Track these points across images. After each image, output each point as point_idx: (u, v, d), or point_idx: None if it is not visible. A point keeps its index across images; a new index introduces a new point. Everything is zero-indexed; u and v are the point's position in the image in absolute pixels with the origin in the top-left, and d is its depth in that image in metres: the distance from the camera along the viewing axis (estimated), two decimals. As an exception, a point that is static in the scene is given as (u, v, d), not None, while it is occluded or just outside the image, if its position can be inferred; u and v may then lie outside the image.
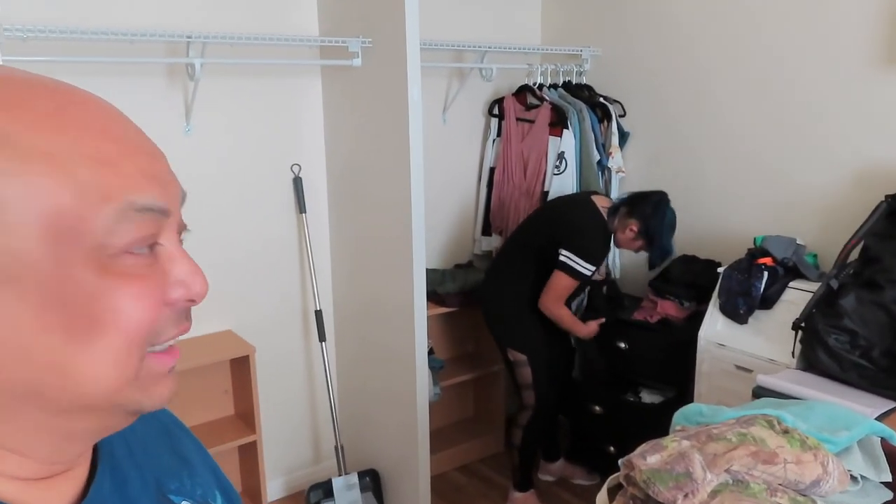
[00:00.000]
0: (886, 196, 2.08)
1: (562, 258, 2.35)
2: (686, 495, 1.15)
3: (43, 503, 0.42)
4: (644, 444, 1.28)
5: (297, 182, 2.58)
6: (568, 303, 2.49)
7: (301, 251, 2.67)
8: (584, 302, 2.77)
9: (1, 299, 0.36)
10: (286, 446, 2.77)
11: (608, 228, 2.40)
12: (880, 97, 2.22)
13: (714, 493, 1.17)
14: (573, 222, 2.42)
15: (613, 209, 2.41)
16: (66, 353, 0.38)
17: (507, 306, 2.53)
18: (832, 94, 2.33)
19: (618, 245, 2.48)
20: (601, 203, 2.45)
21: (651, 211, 2.36)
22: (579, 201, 2.51)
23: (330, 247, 2.73)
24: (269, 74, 2.48)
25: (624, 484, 1.27)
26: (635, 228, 2.37)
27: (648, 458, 1.22)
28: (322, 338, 2.63)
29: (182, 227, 0.45)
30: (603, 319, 2.56)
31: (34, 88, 0.39)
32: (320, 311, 2.63)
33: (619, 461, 1.28)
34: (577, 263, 2.34)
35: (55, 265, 0.37)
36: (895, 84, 2.18)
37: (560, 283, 2.37)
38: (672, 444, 1.25)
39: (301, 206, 2.59)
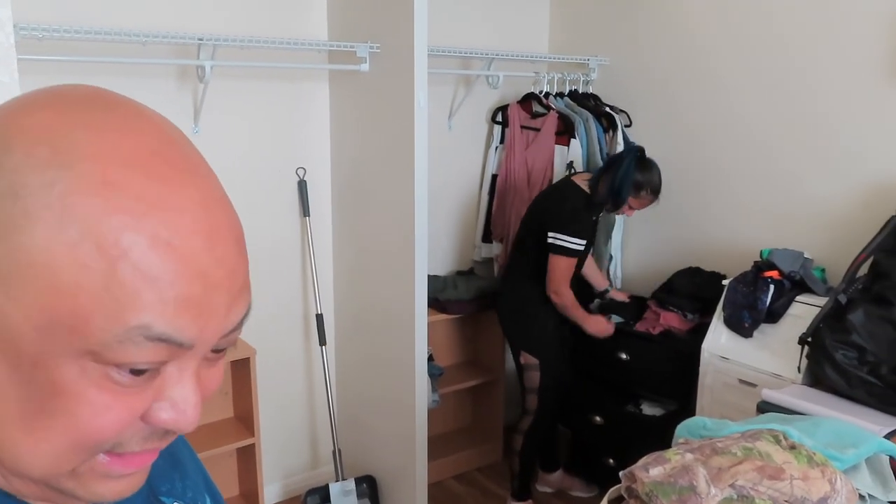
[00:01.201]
0: (897, 211, 2.06)
1: (549, 240, 2.37)
2: (689, 509, 1.13)
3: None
4: (646, 456, 1.26)
5: (302, 185, 2.57)
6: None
7: (304, 254, 2.66)
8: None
9: None
10: (284, 450, 2.75)
11: (591, 201, 2.40)
12: (894, 112, 2.20)
13: (718, 508, 1.14)
14: (552, 205, 2.45)
15: (595, 179, 2.43)
16: (12, 428, 0.36)
17: (522, 309, 2.52)
18: (846, 107, 2.31)
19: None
20: (581, 179, 2.47)
21: (621, 164, 2.38)
22: (557, 185, 2.56)
23: (332, 251, 2.72)
24: (278, 78, 2.48)
25: (625, 496, 1.25)
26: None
27: (651, 471, 1.20)
28: (322, 342, 2.61)
29: (229, 343, 0.40)
30: (615, 323, 2.58)
31: (152, 159, 0.37)
32: (321, 315, 2.62)
33: (621, 473, 1.26)
34: (565, 241, 2.36)
35: (37, 349, 0.34)
36: (906, 99, 2.17)
37: (557, 266, 2.39)
38: (675, 456, 1.23)
39: (305, 210, 2.58)
